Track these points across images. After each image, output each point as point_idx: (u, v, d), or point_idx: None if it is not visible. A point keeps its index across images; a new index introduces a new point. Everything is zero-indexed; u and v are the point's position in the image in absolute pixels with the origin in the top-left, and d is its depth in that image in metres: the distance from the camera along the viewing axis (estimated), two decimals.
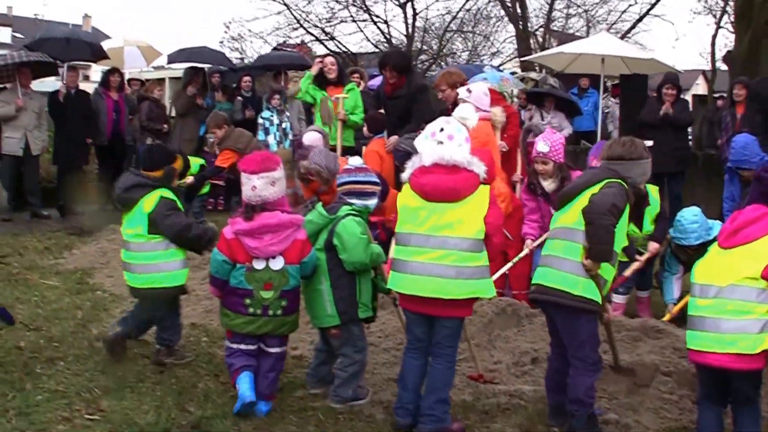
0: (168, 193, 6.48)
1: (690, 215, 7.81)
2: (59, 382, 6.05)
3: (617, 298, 8.09)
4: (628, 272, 7.84)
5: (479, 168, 5.35)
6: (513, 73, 28.98)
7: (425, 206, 5.36)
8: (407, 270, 5.38)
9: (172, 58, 17.07)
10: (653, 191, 7.88)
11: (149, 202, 6.40)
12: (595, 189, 5.27)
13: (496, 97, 9.58)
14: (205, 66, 15.91)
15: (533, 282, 5.61)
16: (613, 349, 6.07)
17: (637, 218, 7.38)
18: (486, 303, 7.20)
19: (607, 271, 5.32)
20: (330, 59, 11.45)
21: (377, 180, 5.97)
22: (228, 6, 61.15)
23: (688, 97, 28.69)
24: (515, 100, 19.58)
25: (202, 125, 15.02)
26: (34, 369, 6.29)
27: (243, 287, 5.63)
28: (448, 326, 5.43)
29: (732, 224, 5.19)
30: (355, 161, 6.02)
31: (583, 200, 5.27)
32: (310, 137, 10.01)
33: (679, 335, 6.73)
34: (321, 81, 11.19)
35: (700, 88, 44.38)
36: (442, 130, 5.39)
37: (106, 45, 16.03)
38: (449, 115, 8.66)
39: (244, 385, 5.59)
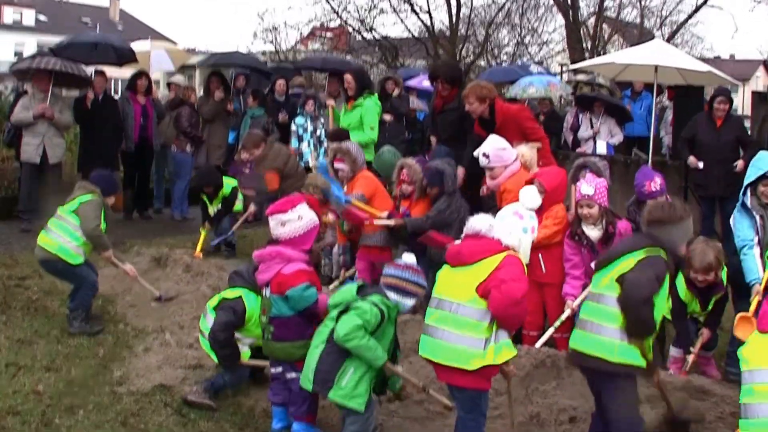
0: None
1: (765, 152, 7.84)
2: None
3: (675, 352, 7.93)
4: (690, 362, 7.57)
5: (503, 234, 5.53)
6: (563, 65, 28.94)
7: (448, 271, 5.68)
8: (424, 331, 5.69)
9: (201, 64, 17.13)
10: (724, 271, 7.56)
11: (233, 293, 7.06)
12: (632, 260, 5.38)
13: (526, 116, 9.61)
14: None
15: (570, 345, 5.76)
16: (668, 404, 6.07)
17: (701, 297, 7.50)
18: (524, 354, 7.20)
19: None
20: (348, 76, 11.87)
21: (424, 283, 5.98)
22: None
23: (747, 92, 28.28)
24: (566, 104, 19.56)
25: (231, 132, 15.16)
26: (53, 419, 6.40)
27: None
28: (459, 396, 5.58)
29: None
30: (408, 258, 6.04)
31: (620, 267, 5.43)
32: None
33: (724, 396, 6.69)
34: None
35: (761, 81, 43.52)
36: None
37: (135, 48, 16.10)
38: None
39: (274, 420, 6.48)
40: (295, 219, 6.28)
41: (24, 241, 12.27)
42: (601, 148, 15.54)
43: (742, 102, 31.95)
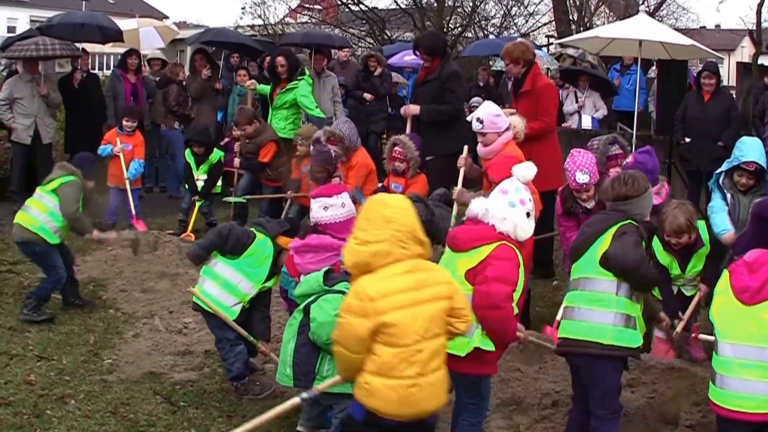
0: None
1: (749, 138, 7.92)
2: (70, 426, 6.19)
3: (660, 334, 7.69)
4: (683, 323, 7.41)
5: (497, 220, 5.29)
6: (549, 37, 28.79)
7: (449, 255, 5.45)
8: None
9: (192, 41, 17.01)
10: (703, 227, 7.51)
11: None
12: (607, 237, 5.41)
13: (550, 95, 9.72)
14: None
15: (559, 335, 5.70)
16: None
17: (681, 258, 7.45)
18: None
19: (633, 308, 5.45)
20: (280, 59, 11.97)
21: None
22: None
23: (732, 63, 28.17)
24: (552, 78, 19.51)
25: (219, 111, 15.09)
26: (45, 410, 6.40)
27: (293, 299, 6.20)
28: (458, 380, 5.39)
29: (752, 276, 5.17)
30: None
31: (599, 249, 5.42)
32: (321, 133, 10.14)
33: (704, 378, 6.69)
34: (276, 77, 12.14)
35: (746, 51, 42.80)
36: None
37: (122, 26, 16.02)
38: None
39: None
40: (339, 205, 6.36)
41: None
42: (586, 122, 15.58)
43: (727, 73, 31.72)
